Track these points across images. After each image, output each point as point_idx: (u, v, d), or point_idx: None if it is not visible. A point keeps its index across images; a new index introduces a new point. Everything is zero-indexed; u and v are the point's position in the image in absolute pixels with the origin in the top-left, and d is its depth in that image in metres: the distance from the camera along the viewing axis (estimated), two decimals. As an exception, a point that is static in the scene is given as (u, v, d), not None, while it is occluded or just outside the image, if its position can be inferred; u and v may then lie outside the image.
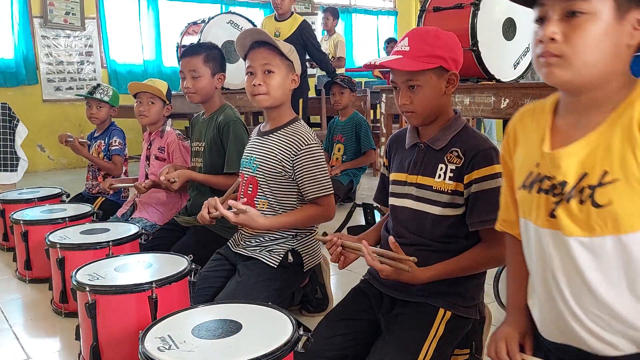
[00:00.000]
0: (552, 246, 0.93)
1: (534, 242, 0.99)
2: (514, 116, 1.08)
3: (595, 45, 0.85)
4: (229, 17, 4.57)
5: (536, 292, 1.01)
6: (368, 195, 4.14)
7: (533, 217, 0.97)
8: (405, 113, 1.40)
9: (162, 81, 2.89)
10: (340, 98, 3.99)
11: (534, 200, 0.96)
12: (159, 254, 1.89)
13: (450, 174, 1.36)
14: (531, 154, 0.99)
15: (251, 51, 1.82)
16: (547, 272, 0.95)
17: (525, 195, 0.99)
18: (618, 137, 0.85)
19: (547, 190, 0.93)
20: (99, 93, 3.23)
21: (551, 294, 0.95)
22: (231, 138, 2.24)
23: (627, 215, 0.84)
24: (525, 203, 1.00)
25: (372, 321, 1.44)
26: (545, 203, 0.94)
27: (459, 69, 1.39)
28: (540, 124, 0.99)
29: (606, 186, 0.85)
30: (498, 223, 1.17)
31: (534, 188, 0.96)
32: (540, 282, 0.98)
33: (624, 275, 0.87)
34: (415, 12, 8.92)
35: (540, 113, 1.01)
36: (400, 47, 1.37)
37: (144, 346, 1.19)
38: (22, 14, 6.03)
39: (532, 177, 0.97)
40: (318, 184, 1.80)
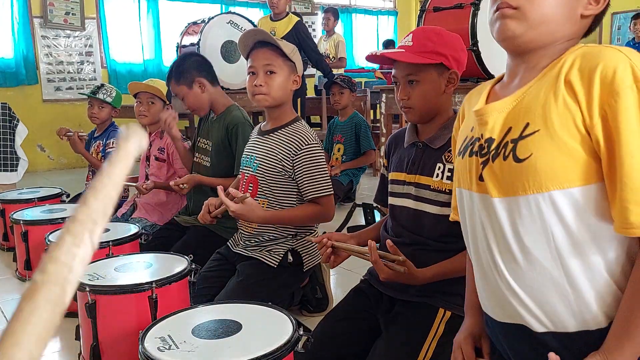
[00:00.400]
0: (483, 212, 0.90)
1: (467, 211, 0.96)
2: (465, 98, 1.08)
3: (551, 1, 0.85)
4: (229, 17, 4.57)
5: (476, 270, 0.97)
6: (368, 195, 4.14)
7: (467, 184, 0.95)
8: (403, 108, 1.40)
9: (162, 81, 2.89)
10: (340, 98, 3.99)
11: (467, 165, 0.94)
12: (159, 254, 1.89)
13: (448, 173, 1.36)
14: (468, 121, 0.99)
15: (253, 51, 1.83)
16: (482, 241, 0.92)
17: (460, 162, 0.97)
18: (543, 88, 0.84)
19: (476, 152, 0.92)
20: (102, 93, 3.23)
21: (488, 266, 0.91)
22: (240, 140, 2.24)
23: (548, 170, 0.81)
24: (459, 171, 0.98)
25: (372, 321, 1.44)
26: (475, 166, 0.92)
27: (461, 70, 1.40)
28: (481, 93, 0.98)
29: (527, 138, 0.83)
30: (452, 212, 1.13)
31: (467, 152, 0.94)
32: (475, 254, 0.95)
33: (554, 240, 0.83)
34: (415, 12, 8.92)
35: (486, 85, 1.01)
36: (404, 42, 1.37)
37: (144, 346, 1.19)
38: (22, 14, 6.03)
39: (466, 142, 0.96)
40: (317, 183, 1.80)
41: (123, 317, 1.60)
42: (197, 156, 2.45)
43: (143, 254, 1.93)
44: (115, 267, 1.75)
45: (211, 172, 2.35)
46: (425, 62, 1.33)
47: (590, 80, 0.79)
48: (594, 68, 0.79)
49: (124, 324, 1.59)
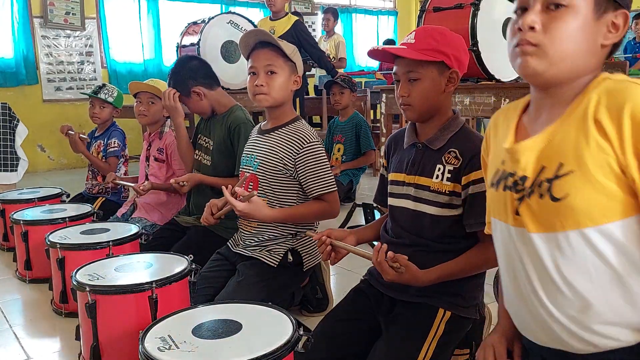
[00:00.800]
0: (520, 244, 0.92)
1: (502, 241, 0.98)
2: (491, 119, 1.09)
3: (572, 38, 0.85)
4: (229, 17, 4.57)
5: (510, 295, 1.00)
6: (368, 195, 4.14)
7: (502, 216, 0.96)
8: (402, 106, 1.40)
9: (162, 81, 2.89)
10: (340, 98, 3.99)
11: (501, 198, 0.96)
12: (159, 254, 1.89)
13: (448, 174, 1.36)
14: (498, 151, 0.99)
15: (254, 51, 1.83)
16: (519, 271, 0.94)
17: (493, 193, 0.99)
18: (573, 128, 0.85)
19: (510, 187, 0.93)
20: (104, 93, 3.23)
21: (527, 295, 0.93)
22: (242, 141, 2.23)
23: (584, 209, 0.83)
24: (493, 202, 1.00)
25: (372, 321, 1.43)
26: (510, 200, 0.93)
27: (462, 71, 1.39)
28: (509, 122, 0.99)
29: (562, 178, 0.84)
30: (487, 227, 1.16)
31: (500, 186, 0.96)
32: (512, 283, 0.97)
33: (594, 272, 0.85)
34: (415, 12, 8.92)
35: (512, 111, 1.01)
36: (407, 39, 1.37)
37: (144, 346, 1.19)
38: (22, 14, 6.03)
39: (499, 175, 0.97)
40: (321, 181, 1.80)
41: (123, 317, 1.60)
42: (197, 153, 2.45)
43: (143, 254, 1.93)
44: (115, 267, 1.75)
45: (212, 171, 2.34)
46: (427, 59, 1.32)
47: (619, 120, 0.80)
48: (622, 107, 0.80)
49: (124, 324, 1.59)
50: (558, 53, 0.86)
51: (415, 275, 1.28)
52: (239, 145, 2.24)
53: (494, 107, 2.65)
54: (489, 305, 1.53)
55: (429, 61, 1.33)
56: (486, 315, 1.48)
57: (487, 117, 4.95)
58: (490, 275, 1.45)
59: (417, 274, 1.29)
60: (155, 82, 2.84)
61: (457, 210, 1.36)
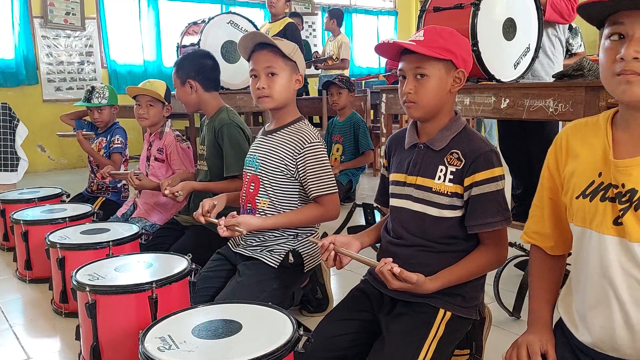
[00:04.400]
0: (614, 253, 0.96)
1: (593, 250, 1.00)
2: (564, 130, 1.12)
3: None
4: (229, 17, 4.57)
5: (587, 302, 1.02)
6: (368, 195, 4.14)
7: (595, 225, 0.99)
8: (406, 103, 1.38)
9: (160, 81, 2.88)
10: (338, 98, 3.99)
11: (598, 208, 0.99)
12: (159, 254, 1.89)
13: (450, 176, 1.36)
14: (593, 163, 1.02)
15: (254, 53, 1.82)
16: (604, 280, 0.97)
17: (586, 204, 1.01)
18: None
19: (612, 198, 0.97)
20: (96, 97, 3.23)
21: (607, 302, 0.97)
22: (226, 141, 2.25)
23: None
24: (585, 212, 1.02)
25: (372, 321, 1.43)
26: (611, 210, 0.96)
27: (467, 72, 1.39)
28: (599, 136, 1.03)
29: None
30: (527, 235, 1.19)
31: (597, 196, 0.99)
32: (594, 291, 1.00)
33: None
34: (415, 12, 8.92)
35: (594, 126, 1.05)
36: (416, 36, 1.37)
37: (144, 346, 1.19)
38: (23, 14, 6.03)
39: (595, 186, 1.00)
40: (322, 181, 1.80)
41: (123, 317, 1.60)
42: (199, 163, 2.47)
43: (143, 254, 1.93)
44: (115, 267, 1.75)
45: (209, 175, 2.36)
46: (436, 56, 1.32)
47: None
48: None
49: (124, 324, 1.59)
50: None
51: (422, 286, 1.28)
52: (224, 146, 2.25)
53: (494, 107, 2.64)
54: (489, 305, 1.53)
55: (437, 59, 1.33)
56: (486, 315, 1.48)
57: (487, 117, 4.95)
58: (491, 276, 1.45)
59: (423, 286, 1.28)
60: (153, 84, 2.82)
61: (459, 211, 1.36)
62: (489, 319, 1.51)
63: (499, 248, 1.37)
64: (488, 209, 1.31)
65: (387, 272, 1.25)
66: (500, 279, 1.99)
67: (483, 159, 1.32)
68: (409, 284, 1.26)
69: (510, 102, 2.55)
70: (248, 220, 1.75)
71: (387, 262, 1.27)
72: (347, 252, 1.39)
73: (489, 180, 1.32)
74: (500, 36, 2.80)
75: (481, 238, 1.37)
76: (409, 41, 1.37)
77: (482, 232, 1.34)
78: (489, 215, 1.31)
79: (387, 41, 1.38)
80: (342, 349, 1.40)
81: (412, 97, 1.36)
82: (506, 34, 2.81)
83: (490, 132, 7.18)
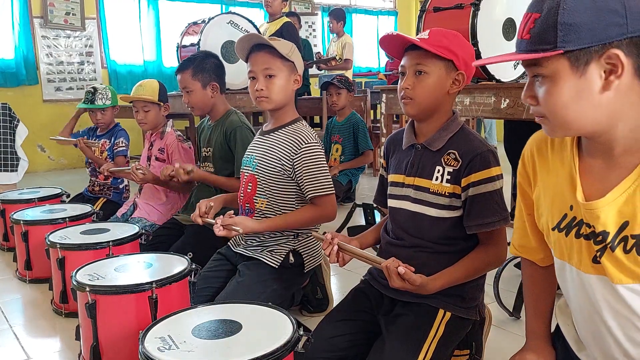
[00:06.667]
0: (599, 292, 0.91)
1: (576, 285, 0.96)
2: (529, 145, 1.07)
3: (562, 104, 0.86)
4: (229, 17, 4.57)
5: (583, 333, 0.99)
6: (368, 195, 4.14)
7: (574, 262, 0.95)
8: (403, 99, 1.39)
9: (152, 81, 2.84)
10: (337, 99, 3.99)
11: (574, 245, 0.94)
12: (159, 254, 1.89)
13: (447, 176, 1.36)
14: (562, 195, 0.97)
15: (251, 55, 1.82)
16: (595, 315, 0.93)
17: (562, 238, 0.97)
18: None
19: (587, 236, 0.91)
20: (100, 99, 3.22)
21: (602, 337, 0.93)
22: (238, 143, 2.25)
23: None
24: (562, 246, 0.98)
25: (372, 322, 1.43)
26: (587, 249, 0.91)
27: (468, 77, 1.40)
28: (565, 162, 0.97)
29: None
30: (514, 248, 1.16)
31: (572, 232, 0.94)
32: (587, 325, 0.96)
33: None
34: (415, 12, 8.91)
35: (560, 146, 0.99)
36: (421, 35, 1.38)
37: (144, 346, 1.19)
38: (23, 14, 6.03)
39: (568, 220, 0.95)
40: (318, 182, 1.80)
41: (123, 317, 1.60)
42: (203, 165, 2.47)
43: (143, 254, 1.93)
44: (115, 267, 1.75)
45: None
46: (438, 54, 1.33)
47: None
48: None
49: (124, 324, 1.59)
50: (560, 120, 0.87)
51: (423, 288, 1.28)
52: (235, 148, 2.26)
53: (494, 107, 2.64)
54: (489, 305, 1.53)
55: (438, 57, 1.34)
56: (486, 316, 1.48)
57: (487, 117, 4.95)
58: (491, 276, 1.45)
59: (425, 286, 1.28)
60: (145, 86, 2.79)
61: (457, 211, 1.36)
62: (489, 319, 1.51)
63: (498, 248, 1.37)
64: (486, 208, 1.31)
65: (394, 270, 1.25)
66: (500, 279, 1.99)
67: (480, 159, 1.32)
68: (411, 286, 1.26)
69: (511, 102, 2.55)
70: (245, 222, 1.75)
71: (396, 260, 1.27)
72: (350, 247, 1.39)
73: (486, 180, 1.32)
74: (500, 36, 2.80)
75: (480, 238, 1.37)
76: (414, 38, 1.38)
77: (481, 232, 1.34)
78: (487, 215, 1.31)
79: (392, 34, 1.38)
80: (342, 349, 1.40)
81: (409, 92, 1.37)
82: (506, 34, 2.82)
83: (490, 132, 7.19)
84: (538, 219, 1.04)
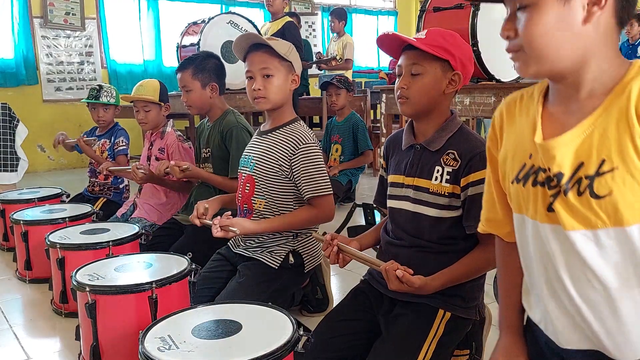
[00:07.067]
0: (553, 242, 0.89)
1: (532, 239, 0.94)
2: (499, 107, 1.04)
3: (544, 32, 0.83)
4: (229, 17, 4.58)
5: (540, 296, 0.95)
6: (368, 195, 4.14)
7: (530, 212, 0.92)
8: (399, 99, 1.39)
9: (153, 81, 2.84)
10: (337, 99, 3.99)
11: (530, 194, 0.92)
12: (159, 254, 1.89)
13: (447, 176, 1.36)
14: (523, 144, 0.95)
15: (249, 54, 1.82)
16: (550, 271, 0.90)
17: (519, 189, 0.95)
18: (614, 123, 0.81)
19: (542, 182, 0.89)
20: (105, 96, 3.22)
21: (557, 294, 0.90)
22: (234, 144, 2.25)
23: (628, 206, 0.80)
24: (519, 197, 0.95)
25: (371, 322, 1.43)
26: (542, 196, 0.89)
27: (465, 78, 1.40)
28: (530, 112, 0.95)
29: (605, 175, 0.81)
30: (481, 224, 1.12)
31: (529, 181, 0.92)
32: (544, 282, 0.93)
33: (633, 271, 0.82)
34: (415, 12, 8.92)
35: (529, 100, 0.97)
36: (418, 35, 1.38)
37: (144, 346, 1.19)
38: (22, 14, 6.03)
39: (526, 170, 0.93)
40: (315, 183, 1.79)
41: (123, 317, 1.60)
42: (203, 166, 2.47)
43: (143, 254, 1.93)
44: (115, 267, 1.75)
45: None
46: (433, 53, 1.33)
47: None
48: None
49: (124, 324, 1.59)
50: (537, 48, 0.84)
51: (423, 288, 1.28)
52: (231, 148, 2.26)
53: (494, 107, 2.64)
54: (489, 305, 1.53)
55: (434, 57, 1.34)
56: (486, 315, 1.48)
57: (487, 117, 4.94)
58: (490, 276, 1.45)
59: (425, 287, 1.28)
60: (145, 86, 2.79)
61: (457, 211, 1.36)
62: (489, 319, 1.51)
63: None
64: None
65: (392, 274, 1.25)
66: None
67: (479, 159, 1.32)
68: (410, 287, 1.26)
69: (510, 102, 2.56)
70: (243, 223, 1.75)
71: (395, 263, 1.27)
72: (349, 249, 1.39)
73: (485, 179, 1.32)
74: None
75: (479, 237, 1.37)
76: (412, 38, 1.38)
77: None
78: None
79: (388, 33, 1.38)
80: (341, 349, 1.40)
81: (405, 92, 1.37)
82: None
83: (490, 132, 7.19)
84: (503, 180, 1.01)
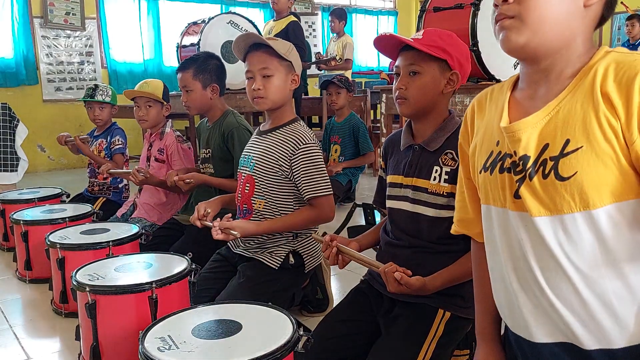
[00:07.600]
0: (522, 230, 0.86)
1: (500, 229, 0.91)
2: (471, 104, 1.03)
3: (549, 2, 0.82)
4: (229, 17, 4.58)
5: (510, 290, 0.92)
6: (368, 196, 4.14)
7: (499, 201, 0.90)
8: (397, 99, 1.40)
9: (157, 81, 2.85)
10: (337, 98, 3.99)
11: (498, 182, 0.90)
12: (159, 254, 1.89)
13: (445, 176, 1.36)
14: (491, 133, 0.93)
15: (249, 54, 1.82)
16: (521, 261, 0.87)
17: (487, 177, 0.93)
18: (579, 102, 0.80)
19: (509, 168, 0.87)
20: (100, 95, 3.23)
21: (528, 285, 0.87)
22: (236, 144, 2.25)
23: (594, 188, 0.78)
24: (487, 186, 0.93)
25: (371, 322, 1.44)
26: (509, 183, 0.87)
27: (463, 77, 1.40)
28: (499, 102, 0.94)
29: (569, 156, 0.79)
30: (454, 225, 1.11)
31: (496, 168, 0.90)
32: (513, 274, 0.90)
33: (600, 256, 0.80)
34: (415, 12, 8.92)
35: (499, 92, 0.97)
36: (415, 35, 1.38)
37: (144, 346, 1.19)
38: (22, 14, 6.03)
39: (493, 157, 0.91)
40: (315, 183, 1.79)
41: (123, 317, 1.60)
42: (203, 166, 2.47)
43: (143, 254, 1.93)
44: (115, 267, 1.75)
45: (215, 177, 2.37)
46: (431, 53, 1.33)
47: (628, 93, 0.75)
48: (632, 79, 0.75)
49: (124, 324, 1.59)
50: (536, 19, 0.82)
51: (422, 289, 1.28)
52: (234, 149, 2.26)
53: (494, 107, 2.65)
54: (489, 305, 1.53)
55: (432, 57, 1.34)
56: (486, 315, 1.48)
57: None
58: (490, 276, 1.45)
59: (424, 287, 1.28)
60: (150, 84, 2.80)
61: (457, 211, 1.36)
62: (489, 319, 1.50)
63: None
64: None
65: (391, 276, 1.25)
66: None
67: None
68: (409, 289, 1.26)
69: (510, 102, 2.56)
70: (243, 225, 1.75)
71: (394, 265, 1.27)
72: (349, 250, 1.39)
73: None
74: (500, 36, 2.80)
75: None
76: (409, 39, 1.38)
77: None
78: None
79: (385, 34, 1.38)
80: (342, 349, 1.41)
81: (403, 92, 1.37)
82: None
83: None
84: (473, 173, 1.00)
